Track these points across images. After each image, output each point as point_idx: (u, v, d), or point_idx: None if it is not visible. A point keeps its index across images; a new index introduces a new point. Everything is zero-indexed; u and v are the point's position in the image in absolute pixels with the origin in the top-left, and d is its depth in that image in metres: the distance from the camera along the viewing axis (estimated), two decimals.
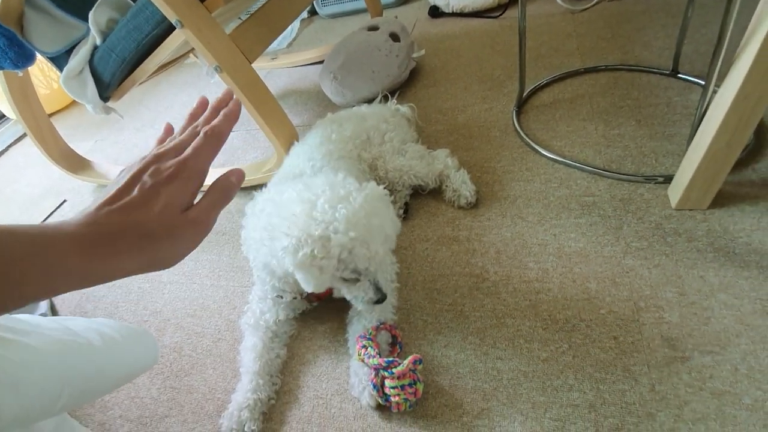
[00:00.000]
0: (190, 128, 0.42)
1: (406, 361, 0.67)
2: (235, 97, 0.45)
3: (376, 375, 0.68)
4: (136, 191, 0.35)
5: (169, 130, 0.44)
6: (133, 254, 0.33)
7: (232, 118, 0.42)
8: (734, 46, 0.70)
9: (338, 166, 0.89)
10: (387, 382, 0.67)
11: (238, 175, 0.41)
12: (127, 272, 0.34)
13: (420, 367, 0.68)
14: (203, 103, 0.45)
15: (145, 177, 0.36)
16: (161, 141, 0.42)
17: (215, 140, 0.40)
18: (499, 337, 0.74)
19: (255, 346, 0.78)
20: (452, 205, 0.99)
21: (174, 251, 0.36)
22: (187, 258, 1.05)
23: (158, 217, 0.34)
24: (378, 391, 0.67)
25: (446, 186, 0.99)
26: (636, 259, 0.78)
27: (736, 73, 0.67)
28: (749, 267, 0.73)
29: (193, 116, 0.44)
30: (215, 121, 0.41)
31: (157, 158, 0.38)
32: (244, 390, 0.73)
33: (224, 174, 0.40)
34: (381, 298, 0.70)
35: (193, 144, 0.39)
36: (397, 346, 0.75)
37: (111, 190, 0.35)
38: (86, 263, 0.32)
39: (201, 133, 0.40)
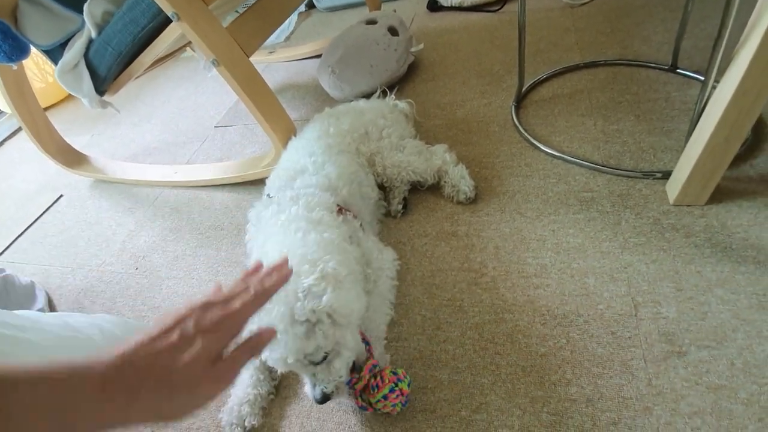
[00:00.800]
0: (241, 284, 0.44)
1: (364, 374, 0.65)
2: (289, 264, 0.47)
3: (358, 398, 0.67)
4: (175, 336, 0.36)
5: (219, 288, 0.46)
6: (149, 401, 0.34)
7: (283, 280, 0.45)
8: (734, 41, 0.70)
9: (339, 160, 0.89)
10: (370, 399, 0.66)
11: (270, 334, 0.43)
12: (139, 419, 0.34)
13: (383, 371, 0.66)
14: (258, 266, 0.48)
15: (189, 322, 0.37)
16: (214, 293, 0.44)
17: (262, 299, 0.42)
18: (497, 332, 0.74)
19: None
20: (451, 200, 0.99)
21: (189, 403, 0.36)
22: (185, 252, 1.06)
23: (184, 368, 0.35)
24: (369, 407, 0.66)
25: (445, 182, 0.99)
26: (634, 255, 0.79)
27: (736, 68, 0.67)
28: (746, 262, 0.73)
29: (247, 275, 0.46)
30: (266, 282, 0.44)
31: (205, 306, 0.39)
32: (245, 385, 0.73)
33: (257, 333, 0.42)
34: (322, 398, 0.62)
35: (242, 299, 0.41)
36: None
37: (153, 330, 0.37)
38: (108, 407, 0.32)
39: (252, 291, 0.42)
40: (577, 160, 0.98)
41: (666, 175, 0.87)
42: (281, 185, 0.85)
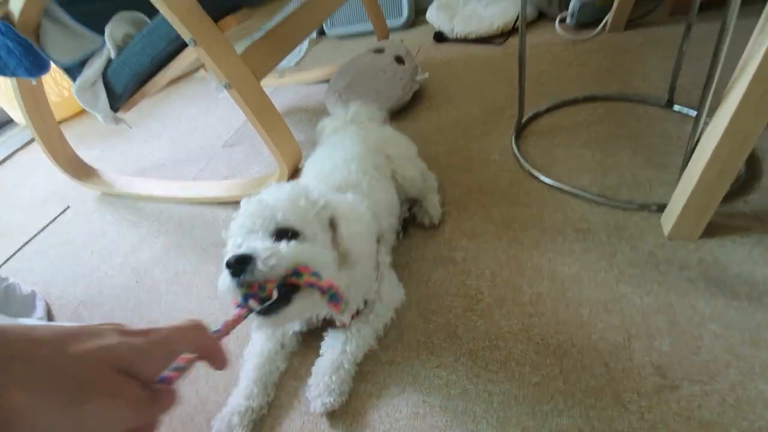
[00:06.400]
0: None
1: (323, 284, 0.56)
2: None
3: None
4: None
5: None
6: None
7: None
8: (725, 79, 0.72)
9: (386, 187, 0.94)
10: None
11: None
12: None
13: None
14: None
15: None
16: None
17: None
18: (491, 360, 0.74)
19: (261, 353, 0.79)
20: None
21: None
22: (186, 268, 1.08)
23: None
24: None
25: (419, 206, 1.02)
26: (629, 287, 0.79)
27: (727, 107, 0.69)
28: (740, 298, 0.73)
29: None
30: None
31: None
32: (239, 395, 0.74)
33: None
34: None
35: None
36: None
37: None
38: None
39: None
40: (575, 191, 0.99)
41: (661, 208, 0.89)
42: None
